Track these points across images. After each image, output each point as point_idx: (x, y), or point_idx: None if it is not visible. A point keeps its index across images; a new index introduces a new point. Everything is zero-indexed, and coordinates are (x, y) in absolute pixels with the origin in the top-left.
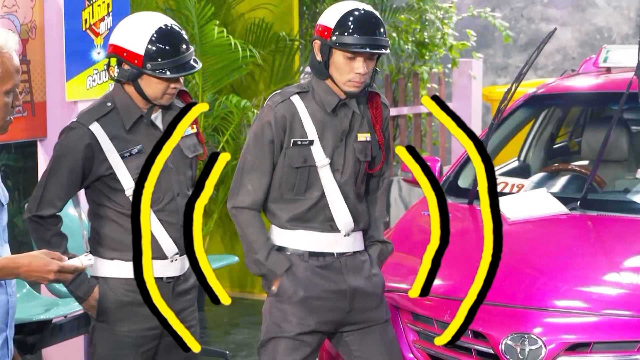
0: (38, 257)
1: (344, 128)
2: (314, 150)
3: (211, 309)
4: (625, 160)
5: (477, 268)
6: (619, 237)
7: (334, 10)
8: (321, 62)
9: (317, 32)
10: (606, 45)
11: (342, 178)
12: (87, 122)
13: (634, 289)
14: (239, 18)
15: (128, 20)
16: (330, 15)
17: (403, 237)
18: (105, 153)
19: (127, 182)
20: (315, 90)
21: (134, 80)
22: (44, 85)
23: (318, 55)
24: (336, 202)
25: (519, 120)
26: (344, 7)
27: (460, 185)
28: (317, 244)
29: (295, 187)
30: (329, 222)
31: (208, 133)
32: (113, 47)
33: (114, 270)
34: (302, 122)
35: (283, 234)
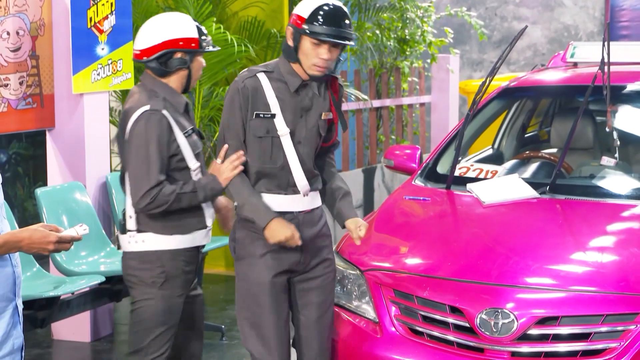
0: (37, 230)
1: (303, 106)
2: (277, 123)
3: (208, 287)
4: (591, 148)
5: (455, 248)
6: (585, 219)
7: (308, 2)
8: (292, 47)
9: (291, 21)
10: (573, 42)
11: (303, 149)
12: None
13: (598, 267)
14: (233, 16)
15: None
16: (304, 6)
17: (386, 219)
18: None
19: (192, 163)
20: (281, 71)
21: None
22: (52, 79)
23: (289, 41)
24: (295, 168)
25: (493, 111)
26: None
27: (438, 171)
28: (280, 204)
29: (261, 155)
30: (292, 186)
31: (205, 123)
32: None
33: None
34: (265, 97)
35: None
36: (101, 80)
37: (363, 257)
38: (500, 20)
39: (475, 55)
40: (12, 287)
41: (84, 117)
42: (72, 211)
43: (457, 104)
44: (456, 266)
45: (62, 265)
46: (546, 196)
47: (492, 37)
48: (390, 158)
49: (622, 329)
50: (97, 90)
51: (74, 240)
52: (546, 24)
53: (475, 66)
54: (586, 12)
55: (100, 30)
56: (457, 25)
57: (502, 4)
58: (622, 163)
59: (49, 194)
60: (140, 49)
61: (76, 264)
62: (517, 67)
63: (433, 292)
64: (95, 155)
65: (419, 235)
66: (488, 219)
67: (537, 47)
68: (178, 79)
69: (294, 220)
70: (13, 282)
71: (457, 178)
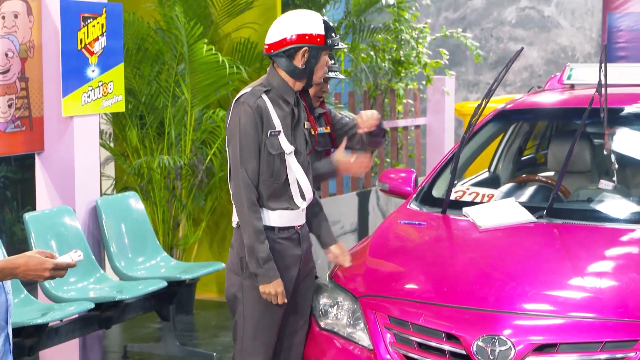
0: (33, 256)
1: (293, 118)
2: (281, 140)
3: (199, 313)
4: (589, 171)
5: (451, 274)
6: (583, 244)
7: (312, 19)
8: (304, 66)
9: (306, 41)
10: (570, 63)
11: (303, 160)
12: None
13: (597, 293)
14: (226, 37)
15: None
16: (313, 24)
17: (380, 244)
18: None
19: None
20: (275, 87)
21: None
22: (42, 101)
23: (299, 61)
24: (303, 182)
25: (489, 134)
26: (316, 15)
27: (434, 195)
28: (287, 220)
29: (274, 172)
30: (291, 200)
31: (197, 146)
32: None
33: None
34: (270, 116)
35: (263, 212)
36: (91, 103)
37: (357, 283)
38: (496, 42)
39: (471, 76)
40: (5, 315)
41: (74, 140)
42: (62, 236)
43: (452, 126)
44: (452, 292)
45: (50, 291)
46: (543, 220)
47: (488, 58)
48: (384, 181)
49: (622, 357)
50: (87, 113)
51: (69, 266)
52: (543, 45)
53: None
54: (583, 33)
55: (91, 52)
56: (453, 47)
57: (498, 25)
58: (620, 186)
59: (38, 219)
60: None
61: (65, 290)
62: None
63: (429, 319)
64: (85, 179)
65: (414, 260)
66: (484, 244)
67: (534, 69)
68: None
69: (295, 235)
70: (6, 310)
71: (453, 202)
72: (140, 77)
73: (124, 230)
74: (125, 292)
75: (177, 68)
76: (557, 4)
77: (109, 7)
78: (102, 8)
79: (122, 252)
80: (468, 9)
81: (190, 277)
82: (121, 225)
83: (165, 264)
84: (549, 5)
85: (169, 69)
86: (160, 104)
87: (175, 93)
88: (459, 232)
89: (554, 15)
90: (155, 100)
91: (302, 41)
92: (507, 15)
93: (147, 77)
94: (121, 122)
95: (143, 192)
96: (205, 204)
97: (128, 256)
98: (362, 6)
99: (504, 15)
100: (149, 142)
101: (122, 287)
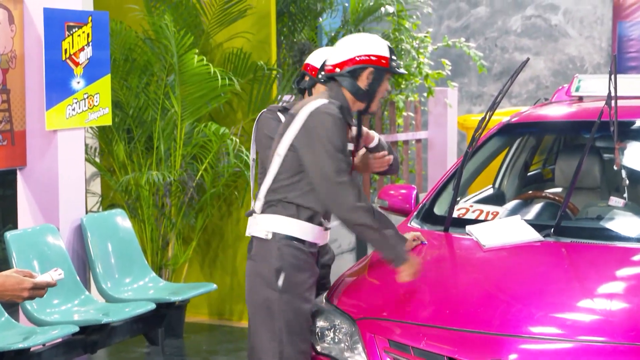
0: (10, 276)
1: (352, 139)
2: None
3: (189, 337)
4: (598, 187)
5: (454, 295)
6: (592, 264)
7: (377, 42)
8: (367, 88)
9: (371, 62)
10: (578, 74)
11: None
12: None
13: (607, 315)
14: (218, 47)
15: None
16: (379, 46)
17: (380, 264)
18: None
19: None
20: (342, 105)
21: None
22: (24, 114)
23: (363, 82)
24: None
25: (493, 148)
26: (381, 39)
27: (436, 212)
28: (320, 237)
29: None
30: (324, 218)
31: (187, 161)
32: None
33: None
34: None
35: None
36: (76, 116)
37: (355, 305)
38: (501, 52)
39: (474, 88)
40: None
41: (58, 155)
42: (45, 256)
43: (455, 140)
44: (455, 314)
45: (32, 314)
46: (550, 239)
47: (493, 69)
48: (384, 198)
49: None
50: (72, 127)
51: (49, 286)
52: (550, 56)
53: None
54: (592, 43)
55: (76, 63)
56: (455, 57)
57: (503, 34)
58: (631, 204)
59: (20, 238)
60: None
61: (48, 312)
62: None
63: (430, 343)
64: (70, 196)
65: (415, 281)
66: (489, 264)
67: (540, 80)
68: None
69: (316, 252)
70: None
71: (455, 220)
72: (127, 89)
73: (111, 249)
74: (111, 314)
75: (167, 79)
76: (565, 12)
77: (95, 15)
78: (87, 17)
79: (109, 272)
80: (471, 17)
81: (180, 299)
82: (107, 245)
83: (154, 285)
84: (557, 13)
85: (158, 81)
86: (148, 117)
87: (165, 106)
88: (462, 251)
89: (562, 24)
90: (144, 113)
91: (368, 62)
92: (513, 24)
93: (135, 89)
94: (108, 136)
95: (130, 210)
96: (195, 222)
97: (115, 277)
98: (361, 15)
99: (509, 24)
100: (136, 157)
101: (108, 309)
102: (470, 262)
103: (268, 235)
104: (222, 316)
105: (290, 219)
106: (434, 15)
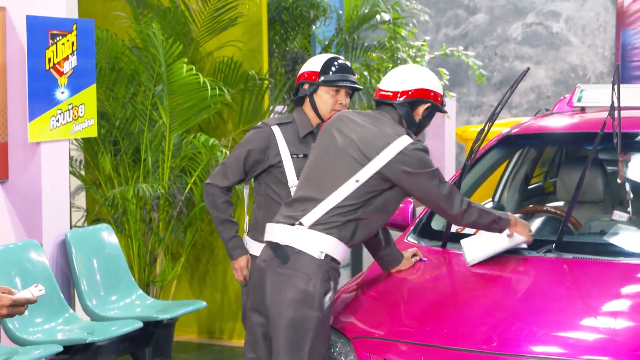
0: None
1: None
2: None
3: (178, 356)
4: (601, 201)
5: (452, 313)
6: (595, 280)
7: (437, 79)
8: (420, 121)
9: (429, 97)
10: (580, 84)
11: None
12: (270, 124)
13: (611, 334)
14: (207, 56)
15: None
16: (438, 84)
17: (375, 281)
18: (279, 149)
19: (291, 178)
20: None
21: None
22: (6, 125)
23: (419, 115)
24: None
25: (493, 160)
26: (436, 77)
27: (433, 227)
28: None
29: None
30: None
31: (175, 174)
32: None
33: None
34: None
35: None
36: (61, 128)
37: (350, 323)
38: (501, 60)
39: (473, 98)
40: None
41: (41, 168)
42: (27, 272)
43: (453, 152)
44: (453, 333)
45: (14, 333)
46: (552, 255)
47: (492, 78)
48: None
49: None
50: (56, 139)
51: (29, 302)
52: (551, 64)
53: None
54: (595, 51)
55: (60, 72)
56: (454, 66)
57: (503, 43)
58: (635, 218)
59: (1, 254)
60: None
61: (30, 332)
62: (519, 111)
63: None
64: (54, 211)
65: (412, 298)
66: (488, 280)
67: (541, 90)
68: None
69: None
70: None
71: (453, 235)
72: (114, 99)
73: (96, 265)
74: (97, 333)
75: (155, 89)
76: (567, 19)
77: (80, 23)
78: (72, 24)
79: (94, 289)
80: (470, 25)
81: (168, 317)
82: (93, 261)
83: (141, 302)
84: (558, 21)
85: (146, 91)
86: (135, 129)
87: (152, 117)
88: (461, 267)
89: (564, 31)
90: (131, 124)
91: (428, 97)
92: (513, 31)
93: (122, 99)
94: (93, 148)
95: (117, 225)
96: (184, 237)
97: (100, 294)
98: (355, 23)
99: (509, 32)
100: (123, 170)
101: (93, 328)
102: (469, 278)
103: (321, 255)
104: (212, 335)
105: (340, 242)
106: (431, 23)
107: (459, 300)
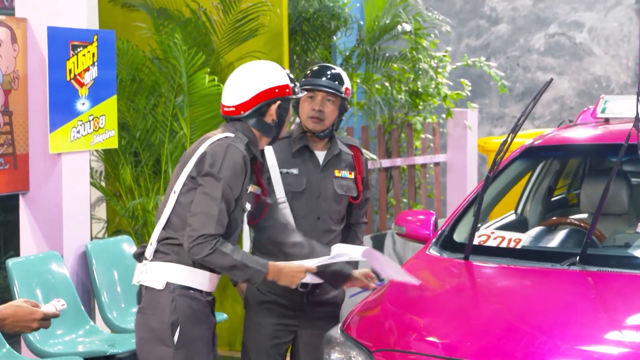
0: (21, 306)
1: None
2: None
3: None
4: (626, 213)
5: (475, 326)
6: (620, 293)
7: (275, 69)
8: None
9: (277, 95)
10: (604, 95)
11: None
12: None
13: (636, 348)
14: (228, 67)
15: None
16: (279, 73)
17: (397, 293)
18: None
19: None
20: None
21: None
22: (27, 137)
23: (272, 116)
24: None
25: (516, 172)
26: (273, 65)
27: (455, 239)
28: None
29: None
30: None
31: None
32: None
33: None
34: None
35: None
36: (81, 139)
37: (372, 336)
38: (523, 71)
39: (495, 109)
40: None
41: (62, 179)
42: (48, 284)
43: (475, 163)
44: (476, 346)
45: (35, 345)
46: (576, 268)
47: (514, 89)
48: (401, 224)
49: None
50: (76, 150)
51: (55, 316)
52: (574, 75)
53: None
54: (619, 62)
55: (81, 84)
56: (475, 77)
57: (525, 53)
58: None
59: (22, 265)
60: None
61: (51, 343)
62: (542, 122)
63: None
64: (74, 222)
65: (434, 311)
66: (512, 293)
67: (565, 101)
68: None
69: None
70: None
71: (476, 247)
72: (134, 110)
73: (117, 277)
74: (117, 345)
75: (175, 100)
76: (590, 29)
77: (101, 34)
78: (93, 36)
79: (114, 301)
80: (492, 35)
81: None
82: (113, 272)
83: None
84: (581, 31)
85: (166, 102)
86: (156, 140)
87: (173, 128)
88: (484, 280)
89: (587, 42)
90: (151, 135)
91: (274, 96)
92: (535, 42)
93: (142, 110)
94: (114, 159)
95: (137, 236)
96: None
97: (121, 306)
98: (377, 33)
99: (532, 42)
100: (144, 182)
101: (114, 340)
102: (492, 291)
103: (163, 286)
104: (232, 347)
105: (183, 266)
106: (452, 34)
107: (482, 313)
